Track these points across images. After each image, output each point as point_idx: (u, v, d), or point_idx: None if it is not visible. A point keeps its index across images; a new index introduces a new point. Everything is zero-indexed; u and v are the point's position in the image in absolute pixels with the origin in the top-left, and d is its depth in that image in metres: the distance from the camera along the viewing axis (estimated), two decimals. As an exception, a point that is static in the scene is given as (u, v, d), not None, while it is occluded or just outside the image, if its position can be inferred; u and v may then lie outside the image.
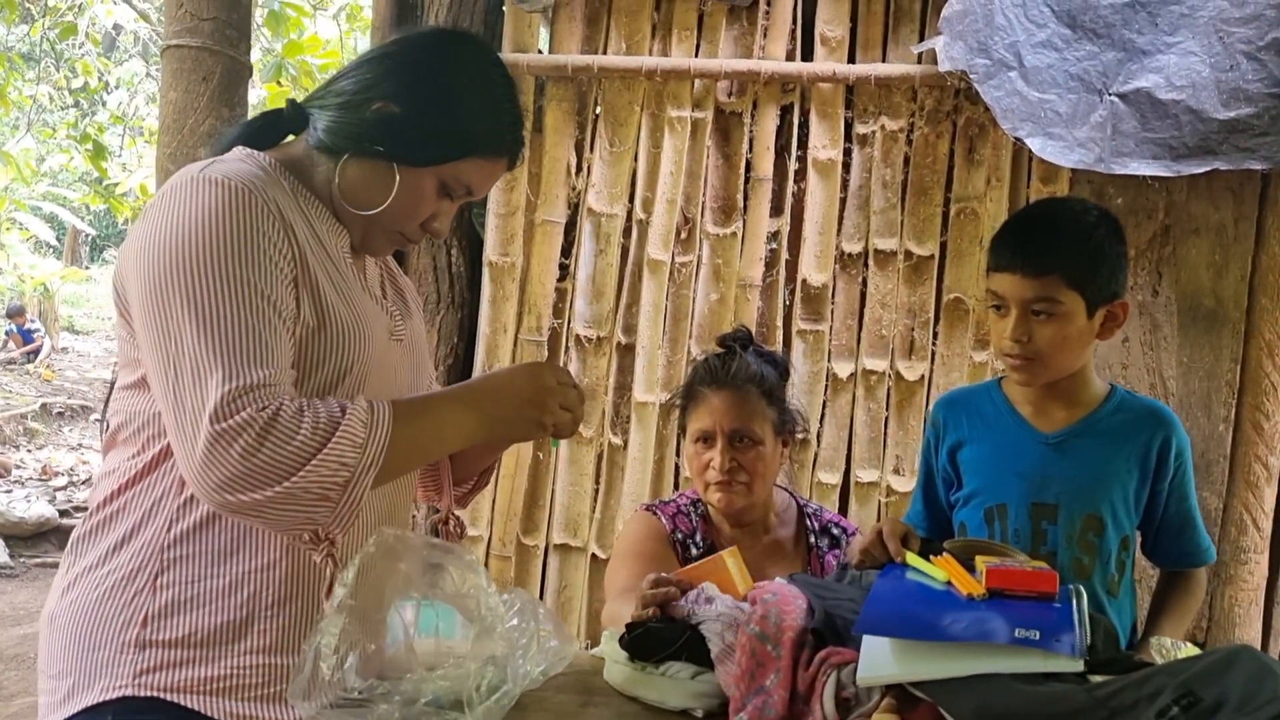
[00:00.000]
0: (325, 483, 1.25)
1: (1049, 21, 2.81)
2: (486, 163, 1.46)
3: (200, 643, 1.35)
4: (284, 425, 1.23)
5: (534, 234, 3.19)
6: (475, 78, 1.45)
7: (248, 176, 1.33)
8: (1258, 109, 2.66)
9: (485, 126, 1.45)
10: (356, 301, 1.43)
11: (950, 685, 1.27)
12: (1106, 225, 1.76)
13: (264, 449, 1.21)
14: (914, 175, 3.09)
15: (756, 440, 2.08)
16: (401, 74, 1.43)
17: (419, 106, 1.41)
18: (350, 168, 1.43)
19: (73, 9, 9.72)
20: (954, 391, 2.05)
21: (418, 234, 1.49)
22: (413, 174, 1.42)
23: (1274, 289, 2.93)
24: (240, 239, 1.28)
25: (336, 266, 1.43)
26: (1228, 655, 1.18)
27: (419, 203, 1.44)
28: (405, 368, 1.55)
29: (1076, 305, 1.71)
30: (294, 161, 1.45)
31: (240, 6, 2.45)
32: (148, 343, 1.29)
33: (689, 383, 2.19)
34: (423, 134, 1.41)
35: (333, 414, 1.27)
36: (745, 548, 2.10)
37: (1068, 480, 1.78)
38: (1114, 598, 1.80)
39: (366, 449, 1.28)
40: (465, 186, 1.46)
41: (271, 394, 1.24)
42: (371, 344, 1.43)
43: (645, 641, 1.55)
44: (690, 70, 3.08)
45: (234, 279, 1.26)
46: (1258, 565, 2.97)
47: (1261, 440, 2.94)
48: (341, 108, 1.43)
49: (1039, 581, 1.43)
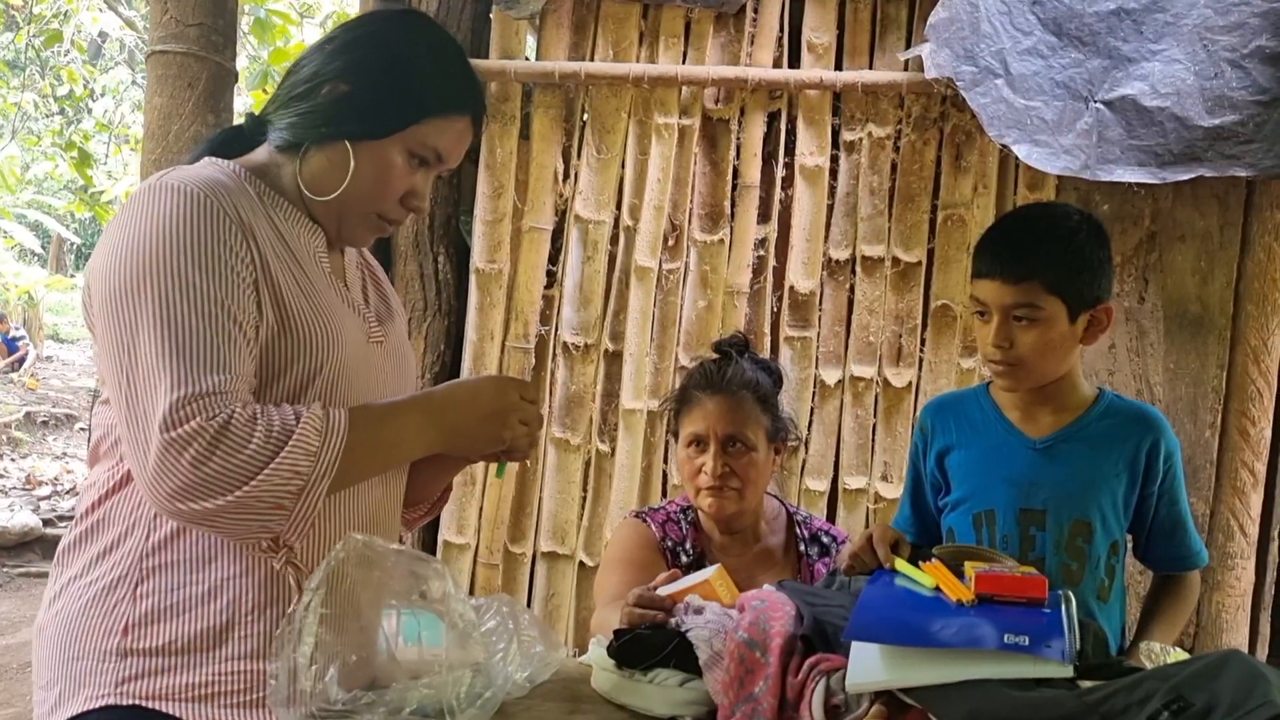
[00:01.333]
0: (278, 491, 1.25)
1: (1035, 29, 2.82)
2: (447, 122, 1.44)
3: (181, 650, 1.34)
4: (235, 434, 1.22)
5: (521, 241, 3.19)
6: (419, 42, 1.45)
7: (207, 181, 1.33)
8: (1242, 116, 2.67)
9: (437, 85, 1.43)
10: (325, 304, 1.41)
11: (940, 691, 1.26)
12: (1089, 230, 1.76)
13: (215, 458, 1.21)
14: (901, 182, 3.09)
15: (749, 446, 2.08)
16: (346, 52, 1.42)
17: (368, 79, 1.40)
18: (311, 157, 1.42)
19: (58, 16, 9.69)
20: (942, 397, 2.04)
21: (397, 212, 1.47)
22: (374, 148, 1.41)
23: (1259, 295, 2.94)
24: (195, 244, 1.28)
25: (304, 268, 1.41)
26: (1218, 660, 1.17)
27: (388, 176, 1.42)
28: (388, 371, 1.53)
29: (1057, 310, 1.71)
30: (260, 167, 1.44)
31: (226, 12, 2.43)
32: (103, 352, 1.29)
33: (683, 387, 2.18)
34: (376, 105, 1.40)
35: (286, 421, 1.26)
36: (735, 555, 2.10)
37: (1056, 486, 1.78)
38: (1104, 603, 1.79)
39: (320, 456, 1.27)
40: (434, 151, 1.44)
41: (223, 401, 1.24)
42: (343, 346, 1.41)
43: (633, 649, 1.54)
44: (677, 77, 3.08)
45: (188, 285, 1.26)
46: (1245, 571, 2.98)
47: (1248, 446, 2.95)
48: (296, 100, 1.42)
49: (1028, 587, 1.43)
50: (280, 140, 1.44)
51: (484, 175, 3.16)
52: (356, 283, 1.57)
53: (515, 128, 3.17)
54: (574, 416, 3.18)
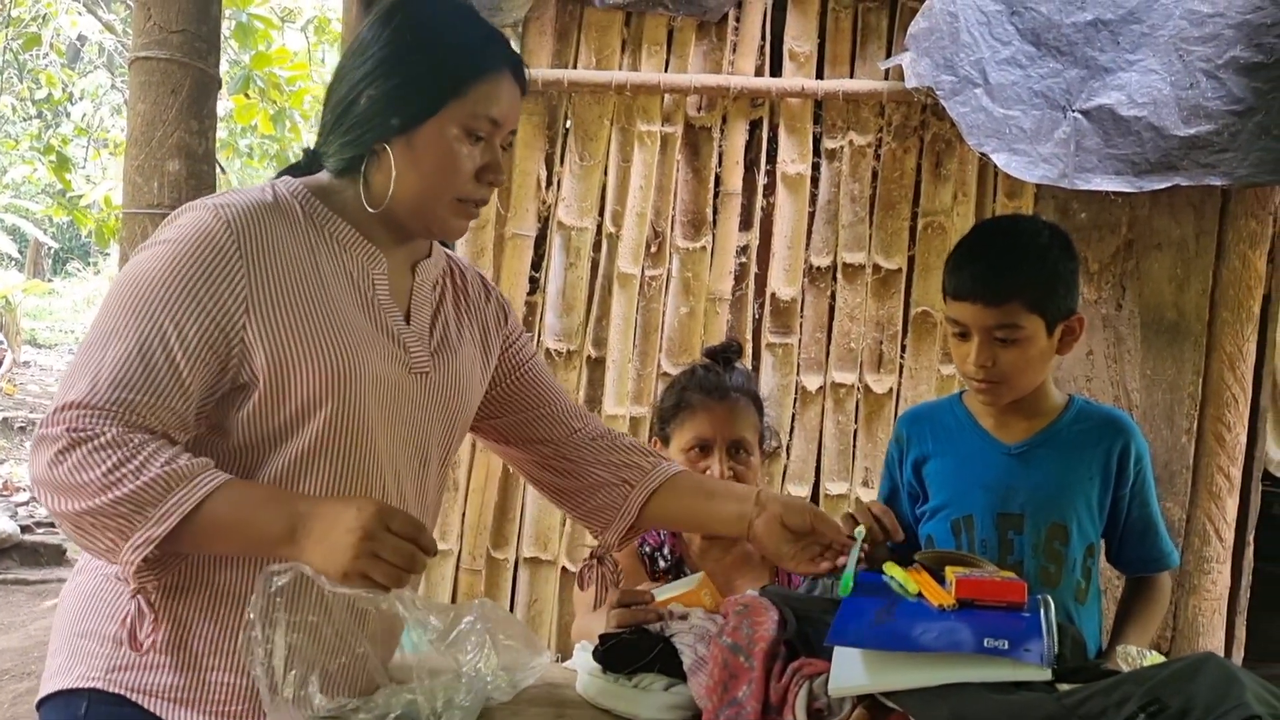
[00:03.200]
0: (107, 526, 1.24)
1: (1013, 39, 2.85)
2: (488, 84, 1.41)
3: (170, 650, 1.36)
4: (90, 452, 1.23)
5: (504, 247, 3.19)
6: (428, 18, 1.43)
7: (234, 203, 1.36)
8: (1217, 126, 2.70)
9: (459, 54, 1.41)
10: (347, 332, 1.40)
11: (921, 695, 1.28)
12: (1059, 244, 1.78)
13: (62, 467, 1.23)
14: (882, 190, 3.12)
15: (751, 450, 2.13)
16: (365, 58, 1.42)
17: (396, 70, 1.39)
18: (371, 174, 1.43)
19: (36, 20, 9.64)
20: (917, 407, 2.07)
21: (478, 190, 1.45)
22: (421, 137, 1.40)
23: (1234, 302, 2.98)
24: (175, 271, 1.30)
25: (331, 293, 1.40)
26: (1193, 663, 1.19)
27: (449, 158, 1.41)
28: (431, 403, 1.51)
29: (1037, 327, 1.73)
30: (322, 188, 1.47)
31: (210, 19, 2.43)
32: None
33: (680, 391, 2.19)
34: (406, 94, 1.39)
35: (148, 462, 1.24)
36: (715, 559, 2.11)
37: (1032, 490, 1.80)
38: (1081, 605, 1.82)
39: (156, 509, 1.23)
40: (486, 119, 1.41)
41: (100, 418, 1.24)
42: (361, 377, 1.39)
43: (618, 654, 1.55)
44: (660, 85, 3.10)
45: (146, 306, 1.29)
46: (1220, 575, 3.01)
47: (1223, 451, 2.99)
48: (338, 120, 1.43)
49: (1008, 591, 1.45)
50: (336, 165, 1.45)
51: (467, 182, 3.16)
52: (427, 306, 1.54)
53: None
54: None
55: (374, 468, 1.43)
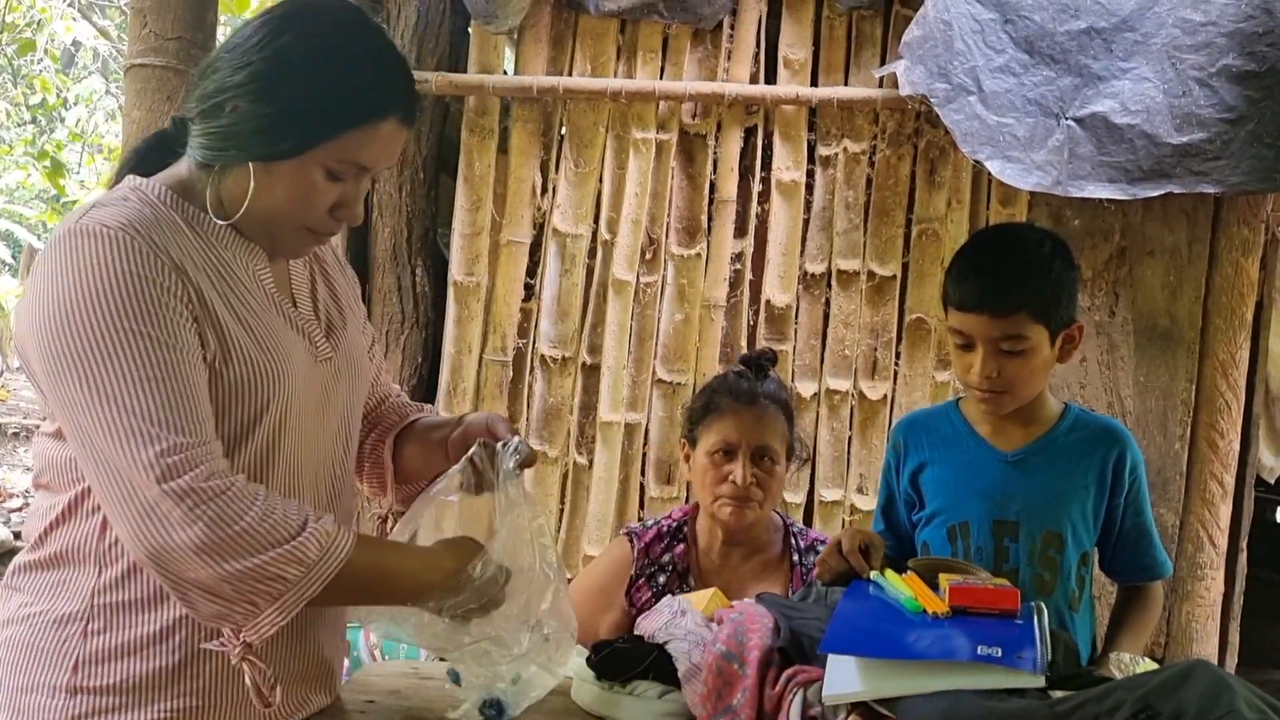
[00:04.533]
0: (257, 588, 1.19)
1: (1007, 47, 2.86)
2: (364, 131, 1.31)
3: (132, 689, 1.30)
4: (232, 503, 1.18)
5: (499, 254, 3.20)
6: (324, 46, 1.31)
7: (127, 219, 1.25)
8: (1210, 134, 2.71)
9: (348, 94, 1.30)
10: (269, 335, 1.35)
11: (914, 702, 1.28)
12: (1061, 253, 1.79)
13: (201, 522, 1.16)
14: (876, 197, 3.12)
15: (777, 459, 2.10)
16: (246, 64, 1.29)
17: (268, 97, 1.28)
18: (225, 179, 1.33)
19: (31, 25, 9.63)
20: (914, 414, 2.07)
21: (327, 225, 1.37)
22: (284, 168, 1.30)
23: (1227, 310, 2.99)
24: (130, 291, 1.21)
25: (242, 297, 1.34)
26: (1184, 669, 1.20)
27: (307, 194, 1.32)
28: (339, 387, 1.47)
29: (1042, 338, 1.74)
30: (184, 185, 1.35)
31: (205, 26, 2.44)
32: (63, 412, 1.23)
33: (709, 395, 2.18)
34: (278, 124, 1.28)
35: (289, 517, 1.22)
36: (732, 567, 2.11)
37: (1028, 498, 1.81)
38: (1075, 612, 1.83)
39: (313, 571, 1.22)
40: (353, 165, 1.32)
41: (206, 454, 1.20)
42: (289, 380, 1.35)
43: (613, 661, 1.55)
44: (655, 92, 3.11)
45: (136, 335, 1.20)
46: (1214, 581, 3.02)
47: (1216, 458, 3.00)
48: (202, 116, 1.32)
49: (1001, 599, 1.45)
50: (197, 160, 1.34)
51: (462, 188, 3.17)
52: (305, 289, 1.48)
53: (493, 141, 3.18)
54: (551, 429, 3.19)
55: (312, 462, 1.41)
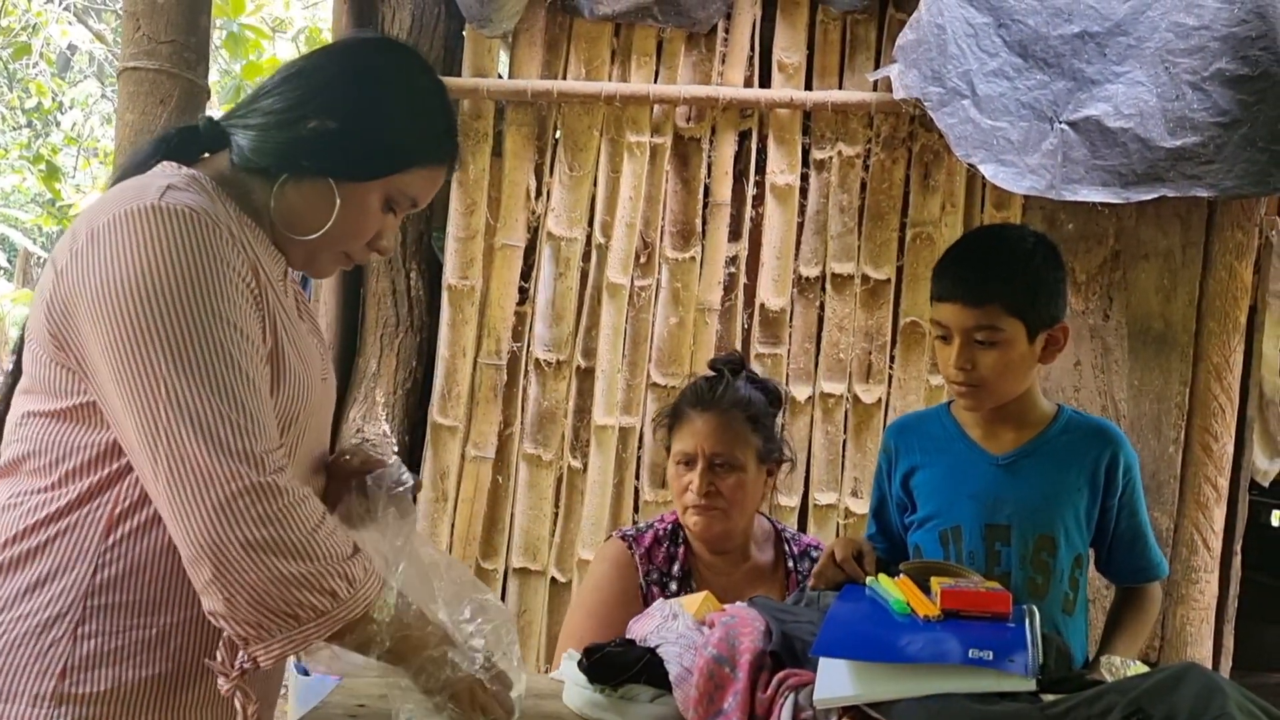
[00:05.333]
0: (308, 594, 1.17)
1: (1000, 51, 2.86)
2: (428, 171, 1.41)
3: (124, 698, 1.24)
4: (306, 511, 1.18)
5: (493, 258, 3.19)
6: (407, 85, 1.40)
7: (207, 206, 1.24)
8: (1203, 138, 2.71)
9: (423, 135, 1.40)
10: (302, 344, 1.36)
11: (905, 705, 1.28)
12: (1043, 252, 1.79)
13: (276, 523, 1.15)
14: (870, 200, 3.12)
15: (737, 466, 2.04)
16: (333, 88, 1.36)
17: (356, 120, 1.34)
18: (289, 190, 1.34)
19: (27, 29, 9.62)
20: (905, 417, 2.07)
21: (364, 254, 1.43)
22: (355, 191, 1.35)
23: (1221, 313, 2.99)
24: (221, 277, 1.20)
25: (284, 305, 1.35)
26: (1176, 673, 1.20)
27: (364, 220, 1.38)
28: (325, 407, 1.46)
29: (1017, 332, 1.74)
30: (227, 180, 1.35)
31: (199, 29, 2.43)
32: (121, 389, 1.17)
33: (676, 402, 2.16)
34: (363, 148, 1.35)
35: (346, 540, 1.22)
36: (724, 574, 2.09)
37: (1019, 501, 1.81)
38: (1069, 616, 1.82)
39: (359, 590, 1.21)
40: (410, 199, 1.40)
41: (283, 454, 1.20)
42: (312, 390, 1.35)
43: (605, 665, 1.55)
44: (649, 96, 3.11)
45: (226, 323, 1.19)
46: (1208, 585, 3.02)
47: (1211, 461, 3.00)
48: (270, 127, 1.34)
49: (993, 602, 1.45)
50: (248, 162, 1.34)
51: (456, 192, 3.17)
52: (292, 306, 1.44)
53: (488, 145, 3.18)
54: (546, 433, 3.19)
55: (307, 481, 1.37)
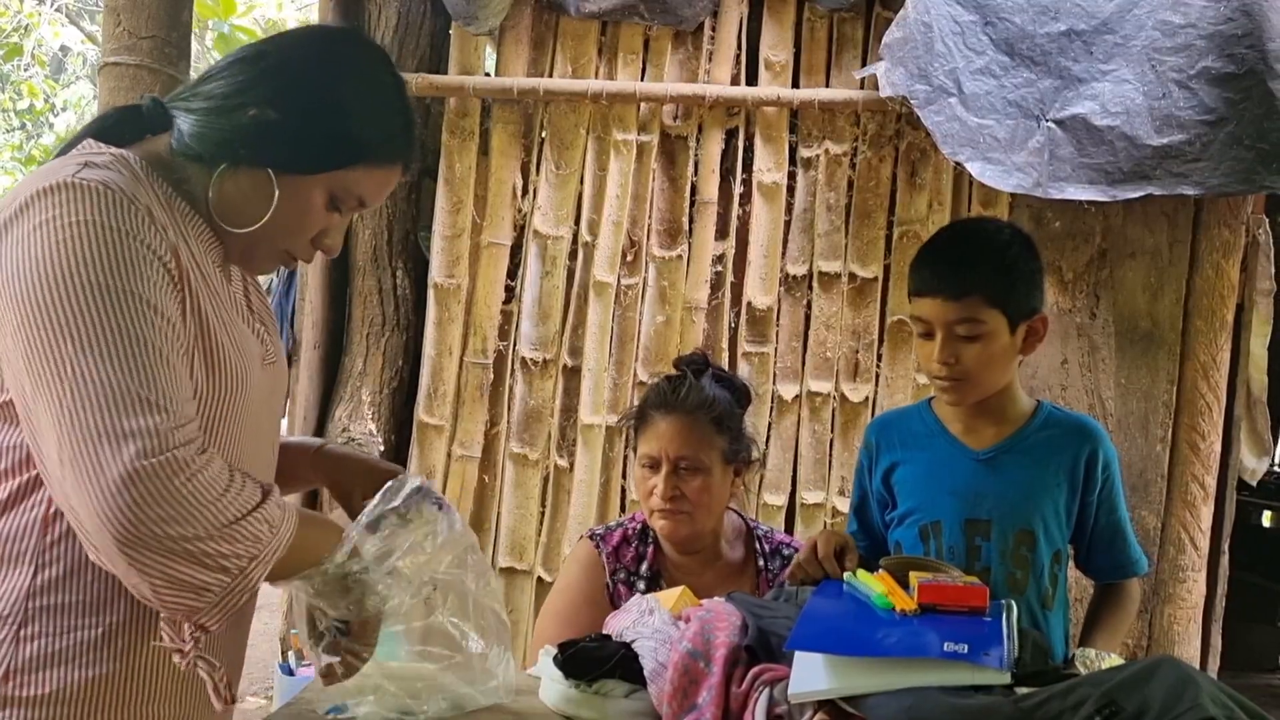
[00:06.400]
0: (235, 548, 1.12)
1: (987, 49, 2.86)
2: (379, 170, 1.33)
3: (71, 699, 1.19)
4: (212, 474, 1.12)
5: (479, 256, 3.19)
6: (361, 78, 1.33)
7: (124, 184, 1.17)
8: (1189, 136, 2.71)
9: (372, 131, 1.31)
10: (236, 330, 1.29)
11: (880, 699, 1.27)
12: (1020, 243, 1.79)
13: (186, 491, 1.09)
14: (857, 199, 3.12)
15: (702, 469, 2.01)
16: (278, 76, 1.28)
17: (300, 111, 1.27)
18: (227, 180, 1.27)
19: (19, 30, 9.61)
20: (886, 414, 2.06)
21: (307, 251, 1.35)
22: (296, 184, 1.28)
23: (1208, 311, 2.99)
24: (131, 255, 1.14)
25: (214, 289, 1.28)
26: (1149, 665, 1.19)
27: (305, 216, 1.31)
28: (274, 394, 1.41)
29: (999, 323, 1.73)
30: (163, 162, 1.28)
31: (180, 25, 2.42)
32: (30, 369, 1.12)
33: (640, 404, 2.13)
34: (305, 140, 1.27)
35: (249, 483, 1.18)
36: (695, 574, 2.07)
37: (999, 496, 1.80)
38: (1049, 611, 1.81)
39: (278, 530, 1.17)
40: (356, 198, 1.33)
41: (191, 430, 1.13)
42: (250, 378, 1.29)
43: (580, 660, 1.54)
44: (636, 94, 3.10)
45: (135, 298, 1.13)
46: (1195, 584, 3.01)
47: (1198, 460, 2.99)
48: (211, 112, 1.27)
49: (970, 596, 1.44)
50: (186, 148, 1.28)
51: (443, 190, 3.17)
52: (240, 291, 1.40)
53: (474, 143, 3.17)
54: (532, 432, 3.18)
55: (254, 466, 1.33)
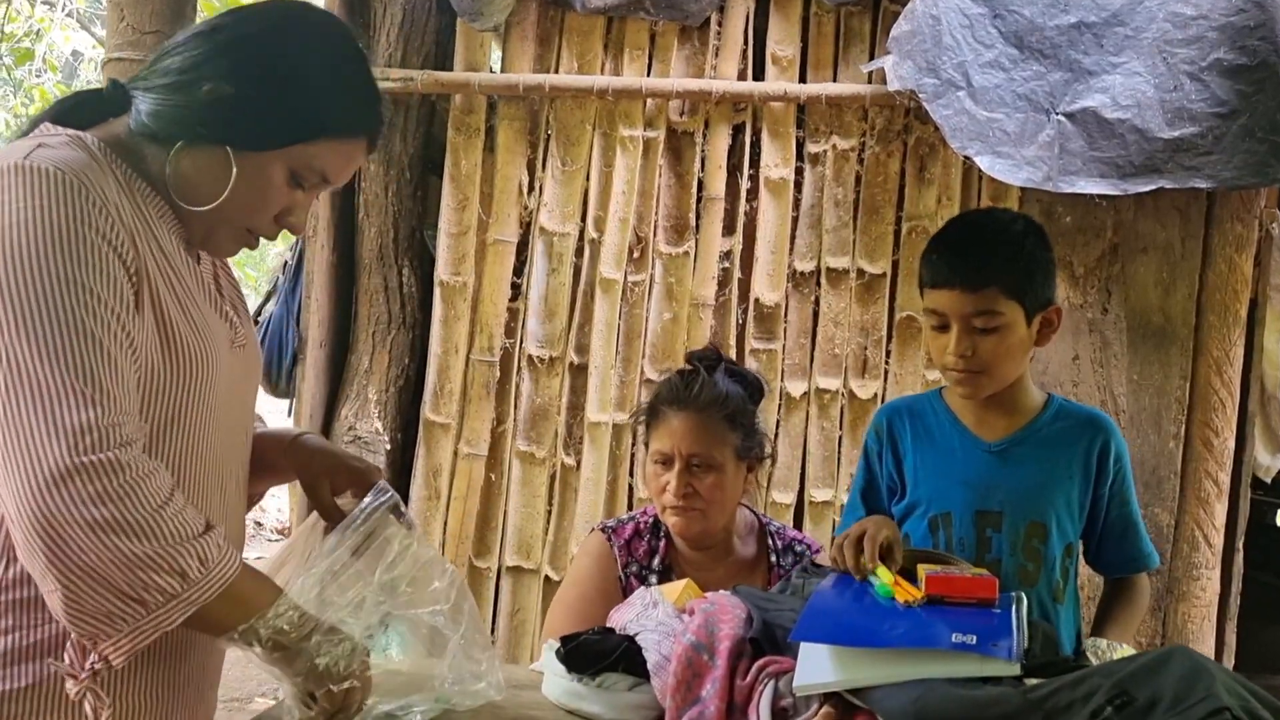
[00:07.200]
0: (156, 579, 1.10)
1: (996, 42, 2.84)
2: (341, 144, 1.30)
3: (51, 692, 1.19)
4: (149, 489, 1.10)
5: (486, 253, 3.17)
6: (319, 50, 1.30)
7: (79, 166, 1.16)
8: (1201, 128, 2.69)
9: (333, 104, 1.29)
10: (199, 315, 1.27)
11: (886, 691, 1.25)
12: (1034, 234, 1.78)
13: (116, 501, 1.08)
14: (865, 194, 3.10)
15: (715, 466, 1.99)
16: (234, 50, 1.25)
17: (256, 85, 1.24)
18: (184, 158, 1.25)
19: (30, 35, 9.64)
20: (896, 401, 2.05)
21: (271, 229, 1.32)
22: (255, 161, 1.26)
23: (1221, 306, 2.95)
24: (79, 240, 1.12)
25: (177, 273, 1.26)
26: (1161, 655, 1.17)
27: (266, 192, 1.28)
28: (247, 378, 1.40)
29: (1016, 315, 1.71)
30: (122, 144, 1.26)
31: (183, 20, 2.42)
32: None
33: (652, 400, 2.11)
34: (261, 115, 1.25)
35: (194, 517, 1.15)
36: (707, 570, 2.05)
37: (1011, 488, 1.78)
38: (1059, 604, 1.80)
39: (209, 573, 1.14)
40: (318, 173, 1.30)
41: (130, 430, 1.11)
42: (217, 363, 1.28)
43: (582, 653, 1.52)
44: (642, 90, 3.08)
45: (81, 288, 1.11)
46: (1210, 581, 2.98)
47: (1211, 456, 2.96)
48: (167, 89, 1.24)
49: (978, 588, 1.42)
50: (143, 127, 1.26)
51: (448, 188, 3.15)
52: (209, 274, 1.38)
53: (480, 140, 3.16)
54: (539, 430, 3.16)
55: (226, 452, 1.34)
